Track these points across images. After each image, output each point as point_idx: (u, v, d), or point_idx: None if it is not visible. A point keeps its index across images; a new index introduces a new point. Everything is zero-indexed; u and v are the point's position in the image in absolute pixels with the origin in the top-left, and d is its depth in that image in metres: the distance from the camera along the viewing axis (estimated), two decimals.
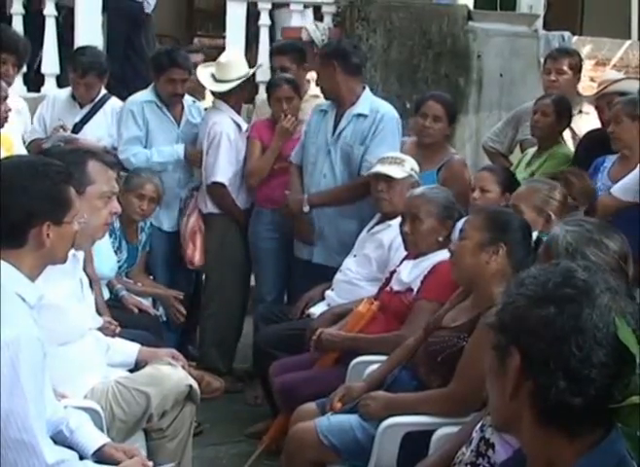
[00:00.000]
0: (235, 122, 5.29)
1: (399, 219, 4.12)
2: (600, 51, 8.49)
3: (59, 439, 2.66)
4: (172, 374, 3.27)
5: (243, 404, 4.97)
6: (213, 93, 5.48)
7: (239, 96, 5.38)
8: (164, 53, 5.23)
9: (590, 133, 4.94)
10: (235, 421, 4.75)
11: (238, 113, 5.43)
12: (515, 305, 1.47)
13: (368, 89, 4.93)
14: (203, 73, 5.41)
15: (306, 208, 4.79)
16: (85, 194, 3.12)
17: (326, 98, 4.94)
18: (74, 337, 3.15)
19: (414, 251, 3.94)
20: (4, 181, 2.48)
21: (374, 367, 3.53)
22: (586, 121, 5.28)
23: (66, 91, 5.57)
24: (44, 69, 6.54)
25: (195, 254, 5.24)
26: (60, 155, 3.31)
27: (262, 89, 6.16)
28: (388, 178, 4.33)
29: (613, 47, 8.46)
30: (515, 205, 3.67)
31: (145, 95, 5.29)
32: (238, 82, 5.26)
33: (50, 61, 6.54)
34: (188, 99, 5.39)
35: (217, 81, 5.32)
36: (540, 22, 7.69)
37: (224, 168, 5.16)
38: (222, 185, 5.17)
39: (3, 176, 2.50)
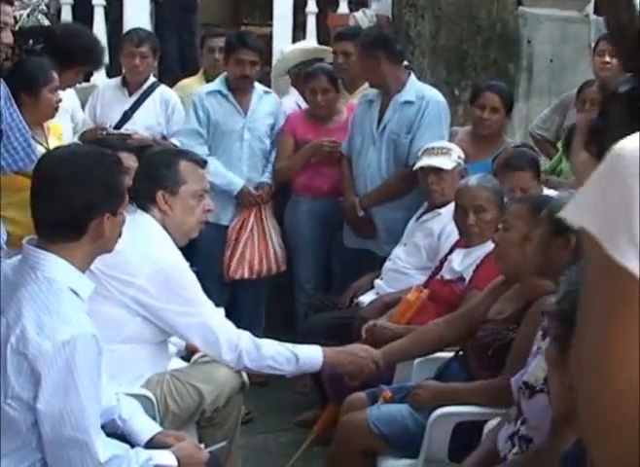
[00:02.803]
0: (298, 105, 5.32)
1: (449, 207, 4.08)
2: None
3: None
4: (227, 372, 3.23)
5: (292, 392, 4.96)
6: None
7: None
8: (234, 35, 5.16)
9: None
10: (284, 410, 4.75)
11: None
12: (577, 293, 1.43)
13: (413, 75, 4.85)
14: None
15: (361, 213, 4.76)
16: (178, 194, 3.18)
17: (372, 87, 4.85)
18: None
19: (479, 242, 3.82)
20: (64, 172, 2.46)
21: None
22: None
23: (116, 80, 5.57)
24: None
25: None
26: (150, 157, 3.37)
27: None
28: (438, 170, 4.28)
29: None
30: None
31: (211, 86, 5.19)
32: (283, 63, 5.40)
33: None
34: (259, 89, 5.17)
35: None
36: (591, 7, 7.55)
37: None
38: None
39: (63, 167, 2.48)
